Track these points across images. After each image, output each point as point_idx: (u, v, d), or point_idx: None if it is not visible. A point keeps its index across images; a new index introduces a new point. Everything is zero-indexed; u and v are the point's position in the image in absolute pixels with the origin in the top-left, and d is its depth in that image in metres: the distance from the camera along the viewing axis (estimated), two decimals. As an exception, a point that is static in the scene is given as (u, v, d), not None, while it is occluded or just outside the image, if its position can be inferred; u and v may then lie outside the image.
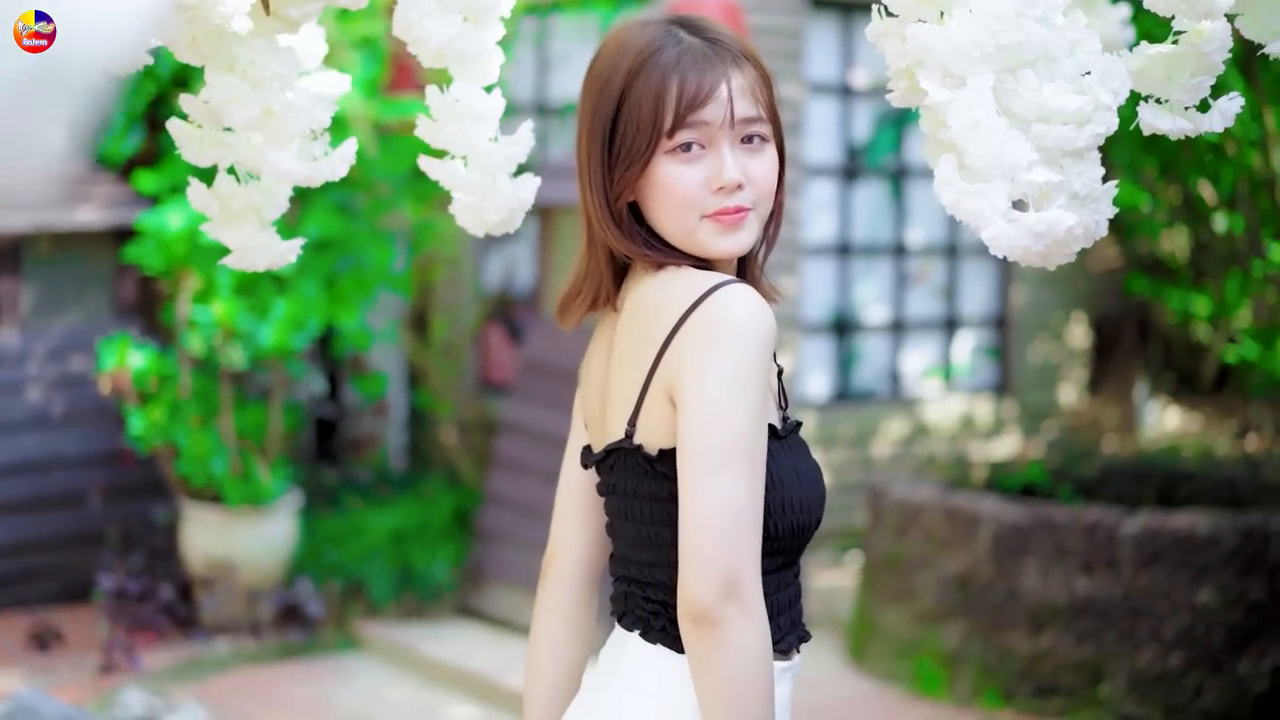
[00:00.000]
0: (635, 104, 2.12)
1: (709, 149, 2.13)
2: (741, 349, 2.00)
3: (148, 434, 7.17)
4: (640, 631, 2.13)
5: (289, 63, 2.54)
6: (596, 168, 2.17)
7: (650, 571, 2.12)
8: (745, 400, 1.99)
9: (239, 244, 2.62)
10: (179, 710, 5.36)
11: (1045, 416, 9.42)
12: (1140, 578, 5.99)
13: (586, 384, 2.29)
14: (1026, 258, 2.12)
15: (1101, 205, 2.24)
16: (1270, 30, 2.33)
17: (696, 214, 2.13)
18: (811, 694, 6.41)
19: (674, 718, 2.07)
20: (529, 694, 2.36)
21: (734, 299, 2.03)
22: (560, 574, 2.34)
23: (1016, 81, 2.18)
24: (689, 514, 1.97)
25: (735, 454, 1.97)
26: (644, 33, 2.17)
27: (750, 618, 1.94)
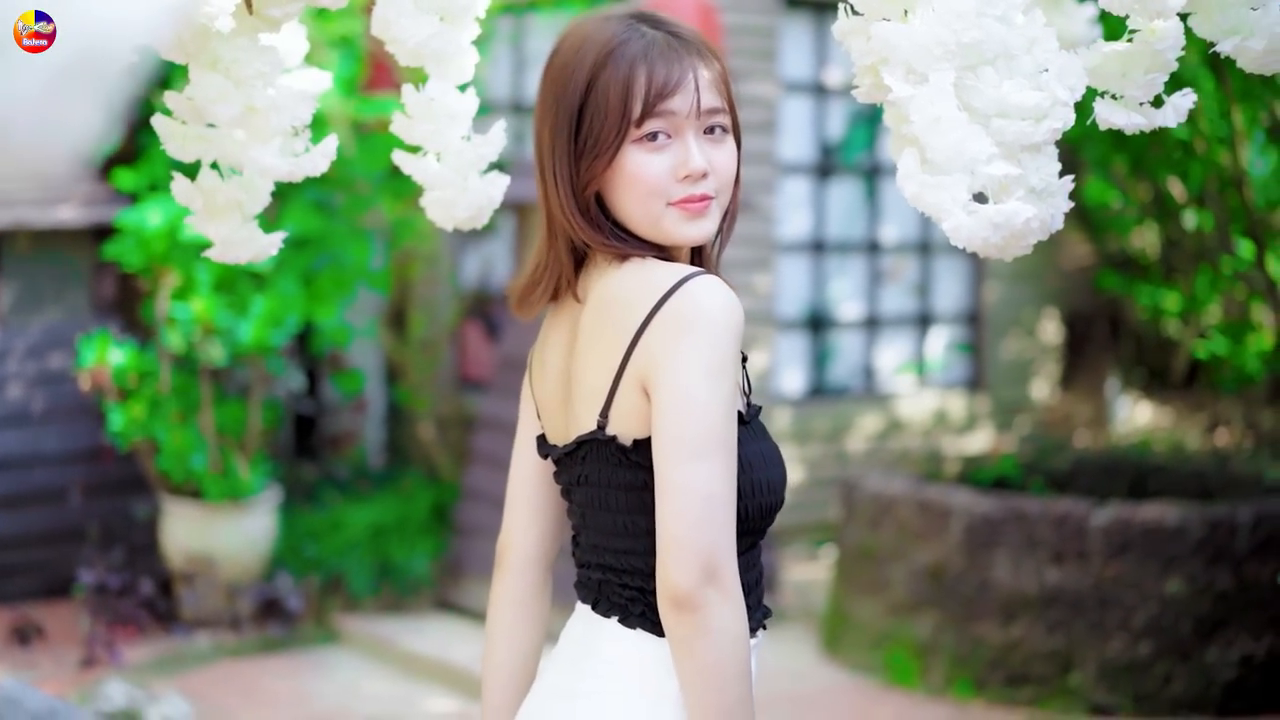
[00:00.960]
0: (603, 95, 2.17)
1: (675, 138, 2.19)
2: (713, 340, 2.05)
3: (128, 430, 7.21)
4: (619, 618, 2.18)
5: (271, 61, 2.59)
6: (562, 159, 2.21)
7: (627, 559, 2.18)
8: (719, 390, 2.04)
9: (222, 237, 2.67)
10: (160, 701, 5.42)
11: (1018, 411, 9.51)
12: (1109, 568, 6.08)
13: (540, 373, 2.33)
14: (985, 249, 2.18)
15: (1058, 199, 2.29)
16: (1222, 29, 2.39)
17: (663, 201, 2.18)
18: (785, 685, 6.50)
19: (657, 699, 2.14)
20: (487, 681, 2.42)
21: (704, 290, 2.09)
22: (515, 562, 2.40)
23: (977, 78, 2.24)
24: (666, 502, 2.02)
25: (711, 442, 2.02)
26: (607, 27, 2.22)
27: (729, 600, 2.00)
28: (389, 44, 2.60)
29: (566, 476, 2.28)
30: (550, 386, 2.30)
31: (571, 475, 2.26)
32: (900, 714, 6.20)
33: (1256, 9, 2.38)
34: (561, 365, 2.27)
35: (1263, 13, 2.36)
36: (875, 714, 6.20)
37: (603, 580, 2.22)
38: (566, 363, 2.26)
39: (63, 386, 7.76)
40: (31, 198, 7.68)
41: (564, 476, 2.29)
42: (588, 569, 2.26)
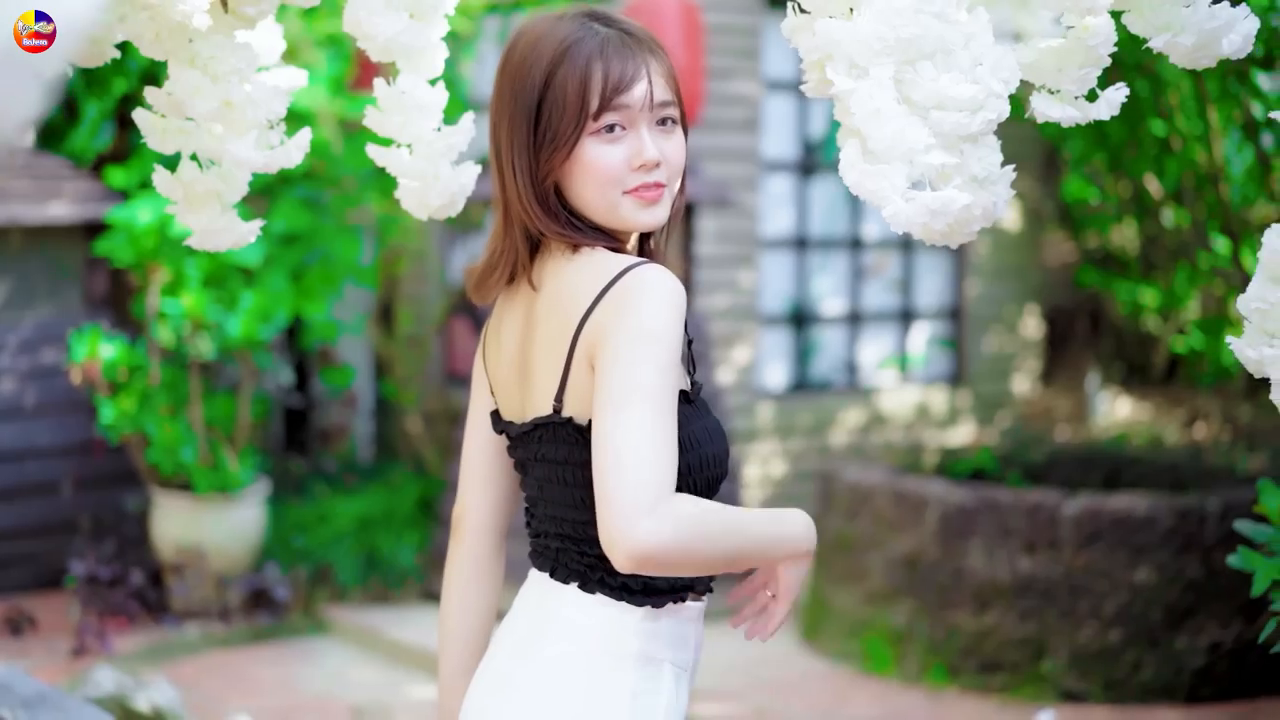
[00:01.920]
0: (561, 89, 2.28)
1: (629, 130, 2.30)
2: (650, 310, 2.15)
3: (118, 423, 7.32)
4: (578, 583, 2.31)
5: (246, 58, 2.69)
6: (521, 151, 2.32)
7: (586, 529, 2.29)
8: (649, 352, 2.12)
9: (201, 226, 2.78)
10: (149, 688, 5.50)
11: (999, 406, 9.62)
12: (1080, 557, 6.19)
13: (495, 353, 2.44)
14: (929, 235, 2.28)
15: (999, 187, 2.38)
16: (1155, 26, 2.48)
17: (619, 190, 2.30)
18: (765, 672, 6.62)
19: (618, 657, 2.27)
20: (443, 646, 2.53)
21: (647, 272, 2.20)
22: (470, 531, 2.51)
23: (916, 72, 2.34)
24: (596, 451, 2.09)
25: (634, 395, 2.09)
26: (562, 25, 2.34)
27: (669, 516, 2.04)
28: (360, 40, 2.71)
29: (523, 452, 2.39)
30: (505, 366, 2.41)
31: (528, 452, 2.37)
32: (875, 700, 6.31)
33: (1188, 6, 2.47)
34: (516, 347, 2.38)
35: (1192, 10, 2.45)
36: (851, 700, 6.32)
37: (561, 549, 2.34)
38: (521, 345, 2.37)
39: (55, 381, 7.87)
40: (24, 194, 7.79)
41: (520, 452, 2.40)
42: (545, 538, 2.38)
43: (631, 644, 2.27)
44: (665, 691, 2.28)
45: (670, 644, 2.31)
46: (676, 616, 2.31)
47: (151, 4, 2.54)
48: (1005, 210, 2.31)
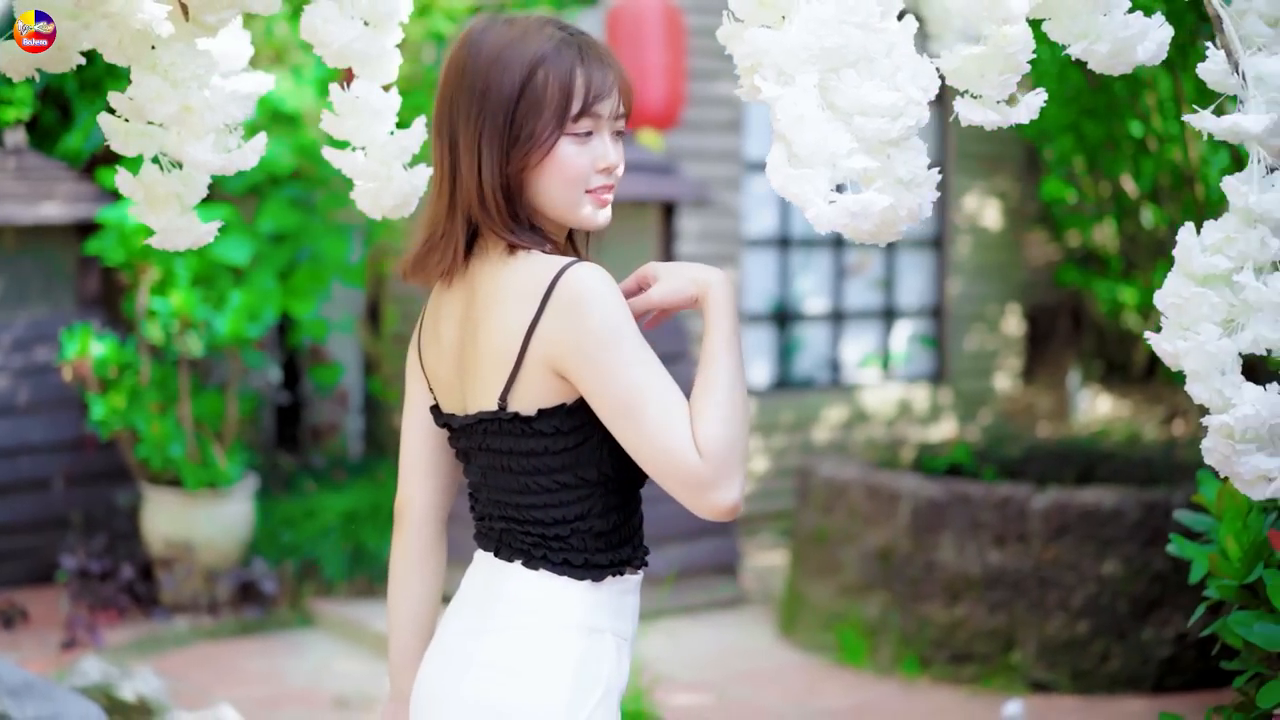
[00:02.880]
0: (542, 90, 2.42)
1: (595, 135, 2.46)
2: (601, 312, 2.32)
3: (108, 420, 7.44)
4: (522, 561, 2.45)
5: (206, 64, 2.80)
6: (493, 148, 2.44)
7: (528, 512, 2.44)
8: (621, 353, 2.30)
9: (161, 226, 2.89)
10: (134, 677, 5.61)
11: (981, 403, 9.73)
12: (1049, 550, 6.31)
13: (433, 348, 2.57)
14: (856, 235, 2.39)
15: (924, 189, 2.48)
16: (1073, 33, 2.58)
17: (582, 189, 2.46)
18: (742, 664, 6.74)
19: (561, 627, 2.42)
20: (392, 631, 2.67)
21: (581, 275, 2.34)
22: (413, 520, 2.65)
23: (839, 79, 2.44)
24: (639, 458, 2.30)
25: (633, 398, 2.29)
26: (536, 29, 2.48)
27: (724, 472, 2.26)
28: (316, 47, 2.82)
29: (466, 443, 2.53)
30: (445, 361, 2.53)
31: (471, 443, 2.51)
32: (848, 690, 6.43)
33: (1105, 15, 2.57)
34: (455, 343, 2.51)
35: (1109, 19, 2.56)
36: (824, 691, 6.43)
37: (505, 529, 2.48)
38: (460, 342, 2.50)
39: (48, 379, 7.99)
40: (18, 194, 7.91)
41: (463, 442, 2.54)
42: (489, 521, 2.51)
43: (575, 615, 2.41)
44: (608, 659, 2.43)
45: (611, 614, 2.45)
46: (616, 588, 2.46)
47: (112, 13, 2.65)
48: (929, 211, 2.42)
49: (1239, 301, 2.56)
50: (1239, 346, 2.54)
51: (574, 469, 2.41)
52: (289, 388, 9.47)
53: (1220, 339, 2.53)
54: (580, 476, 2.41)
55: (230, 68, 3.32)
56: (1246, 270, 2.55)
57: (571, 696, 2.38)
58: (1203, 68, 2.64)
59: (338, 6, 2.81)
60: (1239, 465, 2.54)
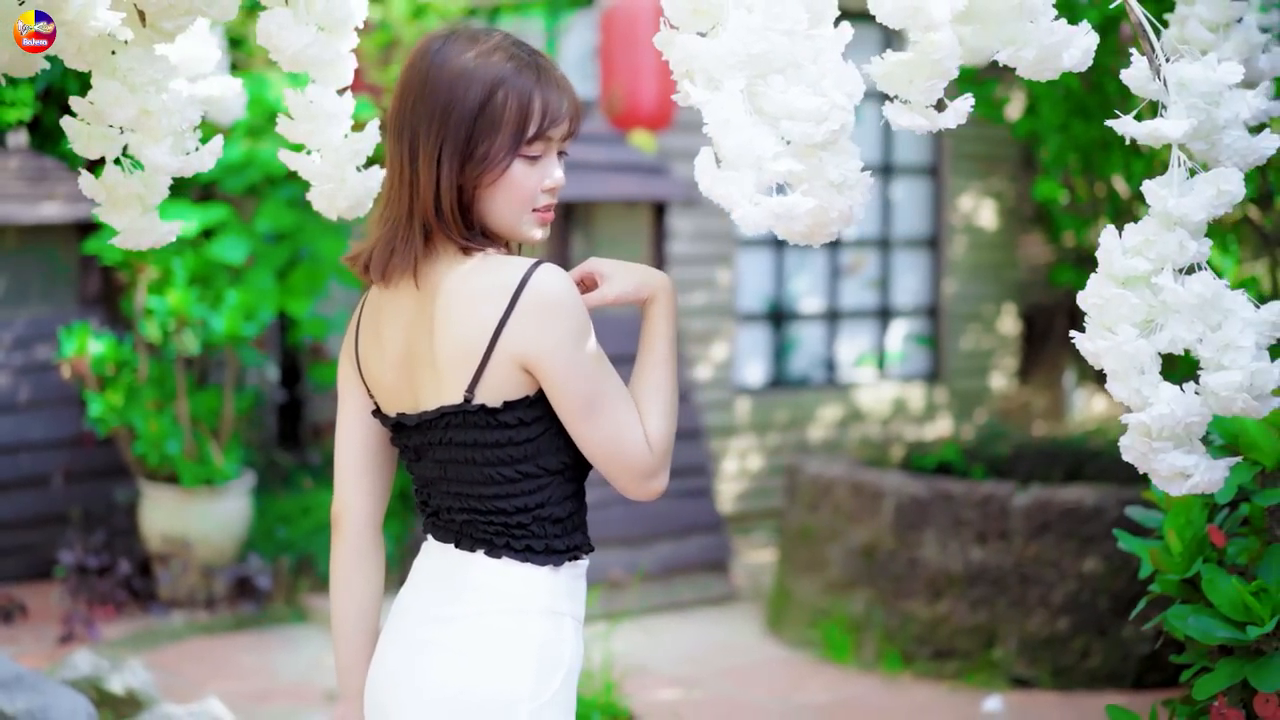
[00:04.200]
0: (500, 110, 2.52)
1: (543, 158, 2.58)
2: (567, 316, 2.46)
3: (106, 417, 7.53)
4: (485, 550, 2.55)
5: (163, 69, 2.88)
6: (451, 162, 2.53)
7: (491, 502, 2.54)
8: (584, 352, 2.47)
9: (124, 226, 2.97)
10: (123, 670, 5.70)
11: (976, 402, 9.78)
12: (1030, 547, 6.37)
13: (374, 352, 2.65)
14: (790, 236, 2.46)
15: (856, 191, 2.55)
16: (1000, 39, 2.64)
17: (529, 208, 2.57)
18: (727, 660, 6.81)
19: (525, 612, 2.52)
20: (339, 635, 2.73)
21: (549, 279, 2.47)
22: (351, 526, 2.73)
23: (767, 85, 2.52)
24: (590, 449, 2.50)
25: (595, 396, 2.47)
26: (496, 47, 2.57)
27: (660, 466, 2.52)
28: (271, 53, 2.89)
29: (419, 439, 2.61)
30: (389, 362, 2.62)
31: (428, 438, 2.59)
32: (831, 686, 6.49)
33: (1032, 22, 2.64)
34: (403, 342, 2.60)
35: (1034, 25, 2.62)
36: (807, 686, 6.50)
37: (466, 521, 2.58)
38: (411, 342, 2.58)
39: (48, 376, 8.09)
40: (18, 194, 8.01)
41: (415, 439, 2.62)
42: (449, 513, 2.60)
43: (538, 600, 2.53)
44: (568, 641, 2.55)
45: (568, 597, 2.57)
46: (572, 573, 2.58)
47: (67, 20, 2.73)
48: (862, 213, 2.49)
49: (1158, 303, 2.62)
50: (1157, 346, 2.61)
51: (536, 459, 2.52)
52: (290, 386, 9.56)
53: (1137, 339, 2.60)
54: (541, 466, 2.52)
55: (198, 71, 3.41)
56: (1165, 272, 2.62)
57: (537, 678, 2.49)
58: (1126, 74, 2.72)
59: (292, 13, 2.89)
60: (1156, 462, 2.61)
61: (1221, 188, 2.63)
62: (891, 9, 2.55)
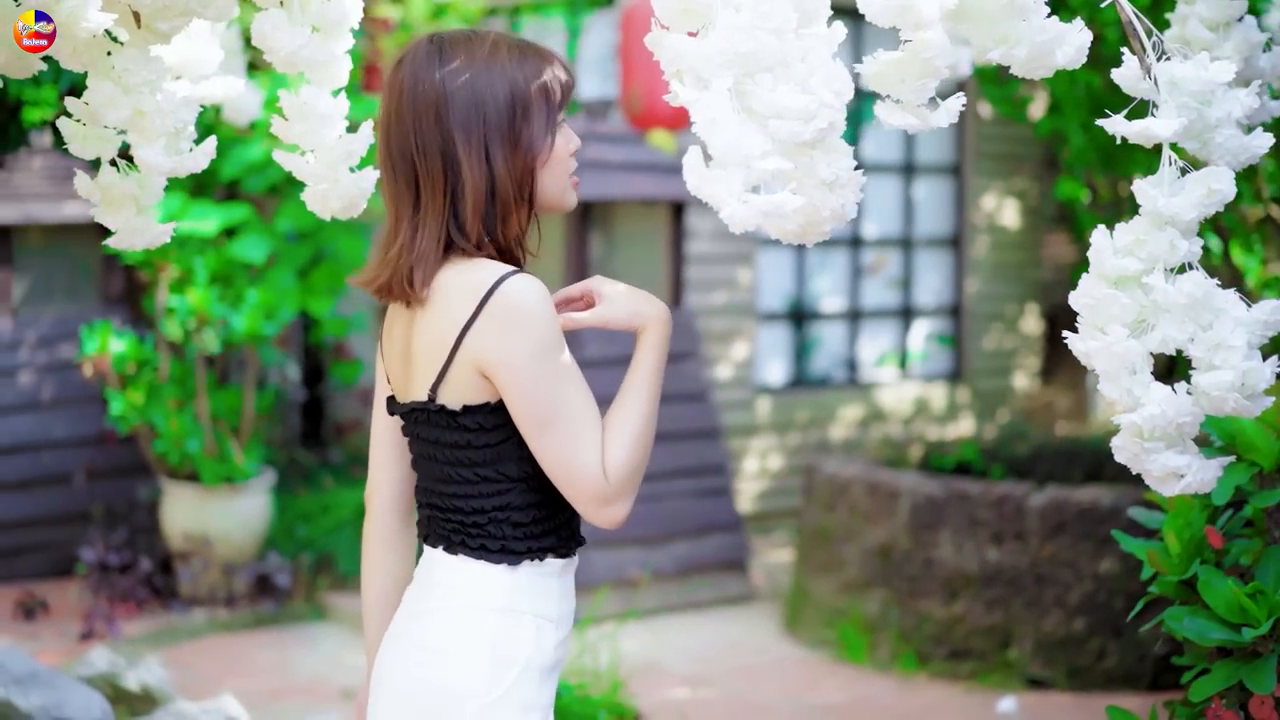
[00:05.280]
0: (527, 95, 2.56)
1: (563, 125, 2.62)
2: (532, 331, 2.44)
3: (126, 415, 7.57)
4: (443, 547, 2.57)
5: (157, 70, 2.89)
6: (503, 149, 2.54)
7: (450, 500, 2.56)
8: (546, 367, 2.44)
9: (119, 226, 2.99)
10: (139, 667, 5.73)
11: (999, 402, 9.76)
12: (1046, 548, 6.35)
13: (389, 343, 2.68)
14: (783, 235, 2.46)
15: (848, 190, 2.54)
16: (992, 38, 2.63)
17: (568, 175, 2.63)
18: (743, 659, 6.81)
19: (479, 609, 2.53)
20: (367, 615, 2.78)
21: (516, 288, 2.45)
22: (380, 506, 2.78)
23: (755, 84, 2.51)
24: (545, 466, 2.47)
25: (551, 412, 2.44)
26: (494, 41, 2.60)
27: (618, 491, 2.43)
28: (266, 53, 2.90)
29: (406, 432, 2.67)
30: (396, 356, 2.66)
31: (408, 432, 2.65)
32: (846, 686, 6.49)
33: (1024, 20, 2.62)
34: (403, 338, 2.63)
35: (1026, 24, 2.61)
36: (822, 686, 6.49)
37: (430, 516, 2.61)
38: (407, 337, 2.61)
39: (71, 375, 8.14)
40: (42, 194, 8.06)
41: (406, 431, 2.67)
42: (421, 509, 2.66)
43: (492, 597, 2.52)
44: (526, 640, 2.52)
45: (531, 596, 2.54)
46: (535, 571, 2.55)
47: (60, 22, 2.74)
48: (854, 212, 2.49)
49: (1149, 302, 2.62)
50: (1148, 347, 2.60)
51: (495, 464, 2.52)
52: (312, 385, 9.59)
53: (1128, 339, 2.59)
54: (501, 472, 2.52)
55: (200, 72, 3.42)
56: (1156, 272, 2.62)
57: (490, 673, 2.49)
58: (1117, 73, 2.71)
59: (286, 13, 2.90)
60: (1148, 463, 2.60)
61: (1212, 187, 2.63)
62: (881, 7, 2.54)
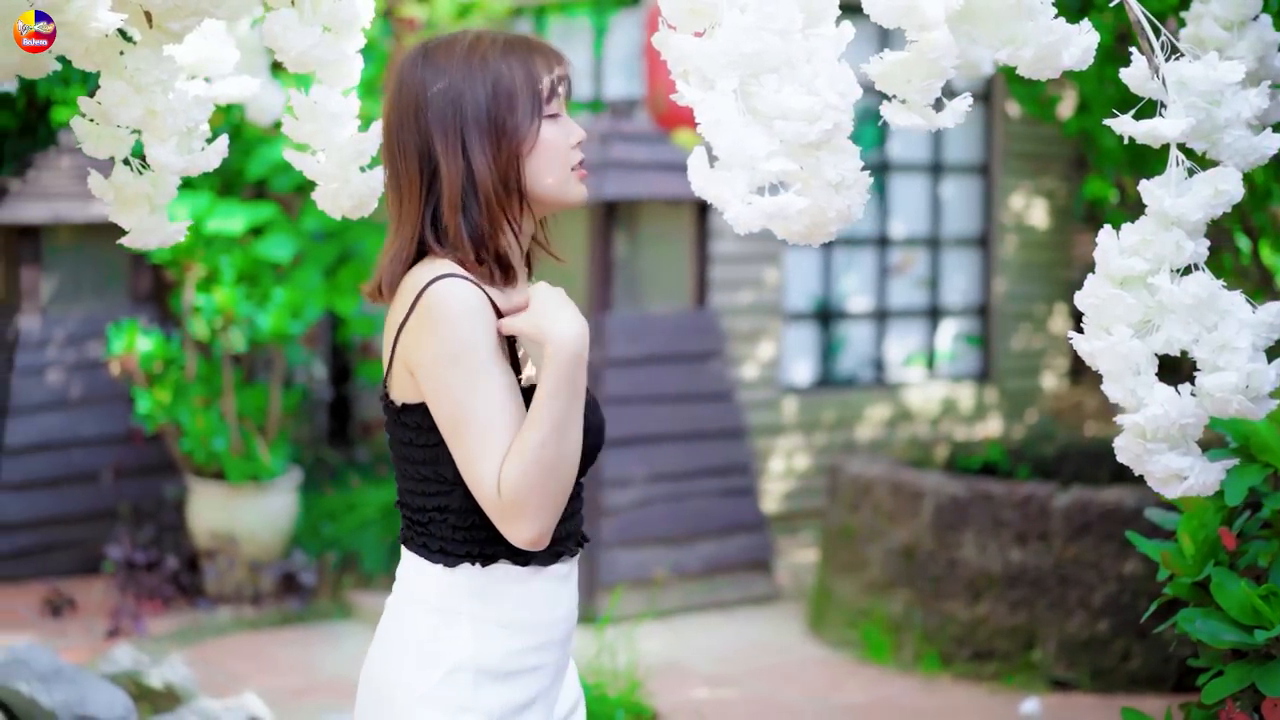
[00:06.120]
0: (511, 84, 2.54)
1: (561, 116, 2.59)
2: (445, 334, 2.42)
3: (153, 414, 7.61)
4: (403, 541, 2.61)
5: (169, 69, 2.91)
6: (481, 141, 2.54)
7: (405, 495, 2.60)
8: (458, 372, 2.41)
9: (132, 225, 3.01)
10: (162, 664, 5.76)
11: (1027, 403, 9.73)
12: (1070, 549, 6.33)
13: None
14: (789, 235, 2.46)
15: (855, 191, 2.54)
16: (999, 39, 2.63)
17: (569, 167, 2.59)
18: (767, 660, 6.81)
19: (413, 603, 2.55)
20: None
21: (441, 292, 2.44)
22: None
23: (760, 85, 2.51)
24: (461, 474, 2.45)
25: (459, 420, 2.41)
26: (481, 35, 2.60)
27: (519, 508, 2.37)
28: (278, 53, 2.92)
29: None
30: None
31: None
32: (869, 686, 6.47)
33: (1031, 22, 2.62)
34: None
35: (1033, 24, 2.60)
36: (845, 686, 6.48)
37: (400, 511, 2.65)
38: None
39: (99, 373, 8.19)
40: (70, 193, 8.10)
41: None
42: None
43: (428, 596, 2.53)
44: (460, 640, 2.49)
45: (470, 597, 2.51)
46: (484, 575, 2.51)
47: (68, 21, 2.76)
48: (860, 213, 2.48)
49: (1154, 303, 2.60)
50: (1153, 347, 2.59)
51: (434, 464, 2.51)
52: (340, 384, 9.62)
53: (1132, 340, 2.58)
54: (439, 473, 2.51)
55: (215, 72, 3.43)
56: (1162, 272, 2.60)
57: (415, 670, 2.50)
58: (1125, 73, 2.70)
59: (298, 14, 2.91)
60: (1151, 464, 2.60)
61: (1219, 187, 2.62)
62: (885, 8, 2.53)
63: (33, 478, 8.06)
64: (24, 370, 8.12)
